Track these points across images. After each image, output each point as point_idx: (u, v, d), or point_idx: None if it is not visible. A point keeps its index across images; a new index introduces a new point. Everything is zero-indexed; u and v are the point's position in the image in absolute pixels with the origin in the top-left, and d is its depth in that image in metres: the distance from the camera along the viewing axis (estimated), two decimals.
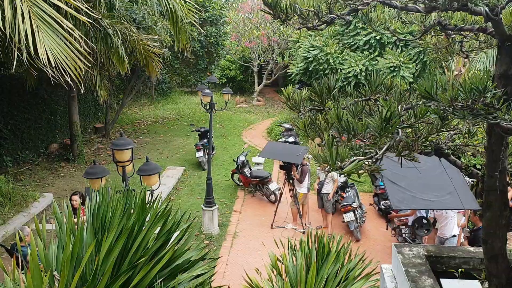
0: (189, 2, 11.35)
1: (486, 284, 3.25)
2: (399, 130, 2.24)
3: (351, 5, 2.41)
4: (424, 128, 2.47)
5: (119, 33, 10.77)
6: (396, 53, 16.26)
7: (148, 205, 3.44)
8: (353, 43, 17.53)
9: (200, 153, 14.68)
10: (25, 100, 14.22)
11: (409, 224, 9.47)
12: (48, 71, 5.92)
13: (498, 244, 2.97)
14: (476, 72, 2.45)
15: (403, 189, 7.88)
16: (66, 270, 2.89)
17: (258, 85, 26.07)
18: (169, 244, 3.37)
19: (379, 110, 2.23)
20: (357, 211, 10.52)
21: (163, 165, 14.29)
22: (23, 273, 3.20)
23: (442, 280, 3.34)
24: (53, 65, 5.96)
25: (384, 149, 2.22)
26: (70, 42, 6.26)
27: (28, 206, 10.69)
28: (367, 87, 2.77)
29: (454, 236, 8.41)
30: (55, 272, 3.29)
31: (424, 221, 9.05)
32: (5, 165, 13.01)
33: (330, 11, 2.41)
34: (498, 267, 3.02)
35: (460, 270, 3.53)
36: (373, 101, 2.76)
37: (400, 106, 2.35)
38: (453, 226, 8.45)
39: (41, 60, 5.88)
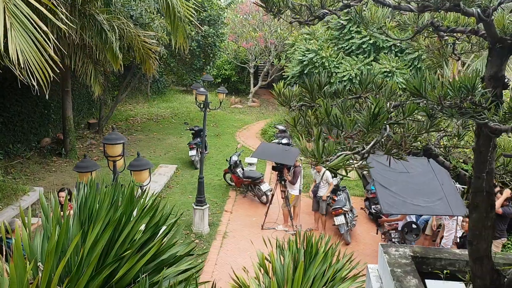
0: (188, 0, 11.33)
1: (471, 286, 3.25)
2: (387, 126, 2.24)
3: (343, 1, 2.41)
4: (414, 128, 2.47)
5: (116, 28, 10.75)
6: (390, 58, 16.33)
7: (136, 198, 3.42)
8: (347, 47, 17.60)
9: (193, 152, 14.65)
10: (19, 93, 14.12)
11: (399, 228, 9.50)
12: (16, 71, 5.79)
13: (483, 246, 2.98)
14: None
15: (394, 194, 7.92)
16: (50, 260, 2.85)
17: (254, 86, 26.09)
18: (156, 238, 3.35)
19: (368, 106, 2.22)
20: (348, 214, 10.54)
21: (156, 163, 14.25)
22: (7, 264, 3.17)
23: (427, 281, 3.34)
24: (22, 66, 5.82)
25: (371, 144, 2.22)
26: (43, 46, 6.08)
27: (18, 200, 10.62)
28: (358, 86, 2.77)
29: None
30: (39, 263, 3.26)
31: (414, 226, 9.10)
32: None
33: (322, 6, 2.41)
34: (482, 268, 3.02)
35: (445, 271, 3.53)
36: (363, 99, 2.76)
37: (388, 103, 2.35)
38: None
39: (11, 58, 5.75)
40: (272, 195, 11.42)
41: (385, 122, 2.16)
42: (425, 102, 2.26)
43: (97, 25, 10.36)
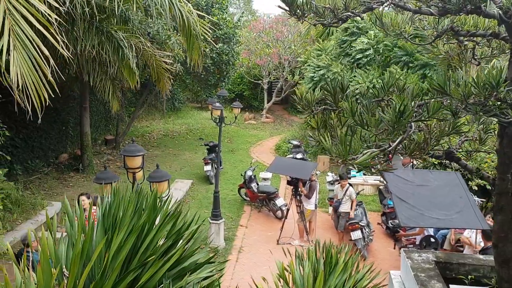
0: (204, 18, 11.51)
1: None
2: (412, 123, 2.25)
3: (366, 4, 2.45)
4: (435, 131, 2.47)
5: (133, 46, 10.97)
6: (399, 71, 16.19)
7: (159, 205, 3.47)
8: (354, 61, 17.70)
9: (208, 167, 14.74)
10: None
11: (417, 243, 9.38)
12: (15, 93, 5.82)
13: (509, 248, 2.92)
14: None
15: (412, 207, 7.83)
16: (75, 266, 2.90)
17: (268, 102, 26.23)
18: (178, 244, 3.38)
19: (392, 106, 2.24)
20: (365, 229, 10.44)
21: (172, 178, 14.29)
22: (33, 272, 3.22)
23: (452, 286, 3.29)
24: (20, 88, 5.81)
25: (397, 141, 2.23)
26: (42, 71, 6.07)
27: (36, 214, 10.76)
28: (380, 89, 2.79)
29: None
30: (64, 269, 3.31)
31: (432, 240, 8.97)
32: (15, 173, 13.11)
33: (346, 8, 2.46)
34: (510, 272, 2.96)
35: (469, 277, 3.47)
36: (385, 102, 2.78)
37: (413, 102, 2.36)
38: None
39: (11, 79, 5.75)
40: (288, 209, 11.37)
41: (409, 120, 2.18)
42: (448, 100, 2.28)
43: (115, 41, 10.58)
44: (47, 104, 6.07)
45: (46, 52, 5.98)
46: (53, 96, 6.12)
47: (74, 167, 15.03)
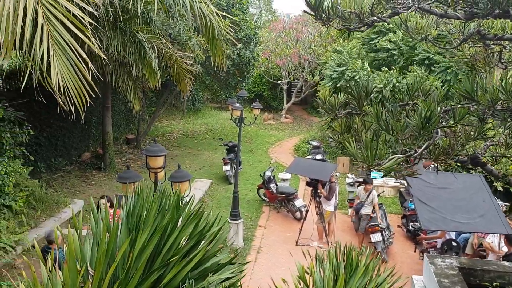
0: (225, 19, 11.55)
1: None
2: (438, 129, 2.23)
3: (392, 8, 2.44)
4: (460, 137, 2.44)
5: (155, 47, 11.10)
6: (419, 71, 15.94)
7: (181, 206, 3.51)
8: (378, 60, 17.52)
9: (227, 167, 14.81)
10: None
11: (438, 246, 9.26)
12: (57, 96, 5.98)
13: None
14: None
15: (434, 210, 7.74)
16: (100, 265, 2.96)
17: (287, 102, 26.18)
18: (200, 245, 3.42)
19: (417, 111, 2.23)
20: (385, 232, 10.35)
21: (192, 177, 14.43)
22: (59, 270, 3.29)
23: None
24: (62, 91, 5.99)
25: (423, 147, 2.22)
26: (81, 72, 6.23)
27: (59, 211, 10.96)
28: (404, 93, 2.76)
29: None
30: (89, 268, 3.38)
31: (454, 243, 8.84)
32: (39, 171, 13.39)
33: (371, 13, 2.44)
34: None
35: (494, 284, 3.42)
36: (410, 106, 2.76)
37: (439, 107, 2.34)
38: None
39: (53, 83, 5.94)
40: (307, 211, 11.34)
41: (436, 126, 2.16)
42: (475, 106, 2.25)
43: (137, 42, 10.72)
44: (88, 104, 6.23)
45: (84, 55, 6.12)
46: (93, 96, 6.27)
47: (96, 165, 15.28)
